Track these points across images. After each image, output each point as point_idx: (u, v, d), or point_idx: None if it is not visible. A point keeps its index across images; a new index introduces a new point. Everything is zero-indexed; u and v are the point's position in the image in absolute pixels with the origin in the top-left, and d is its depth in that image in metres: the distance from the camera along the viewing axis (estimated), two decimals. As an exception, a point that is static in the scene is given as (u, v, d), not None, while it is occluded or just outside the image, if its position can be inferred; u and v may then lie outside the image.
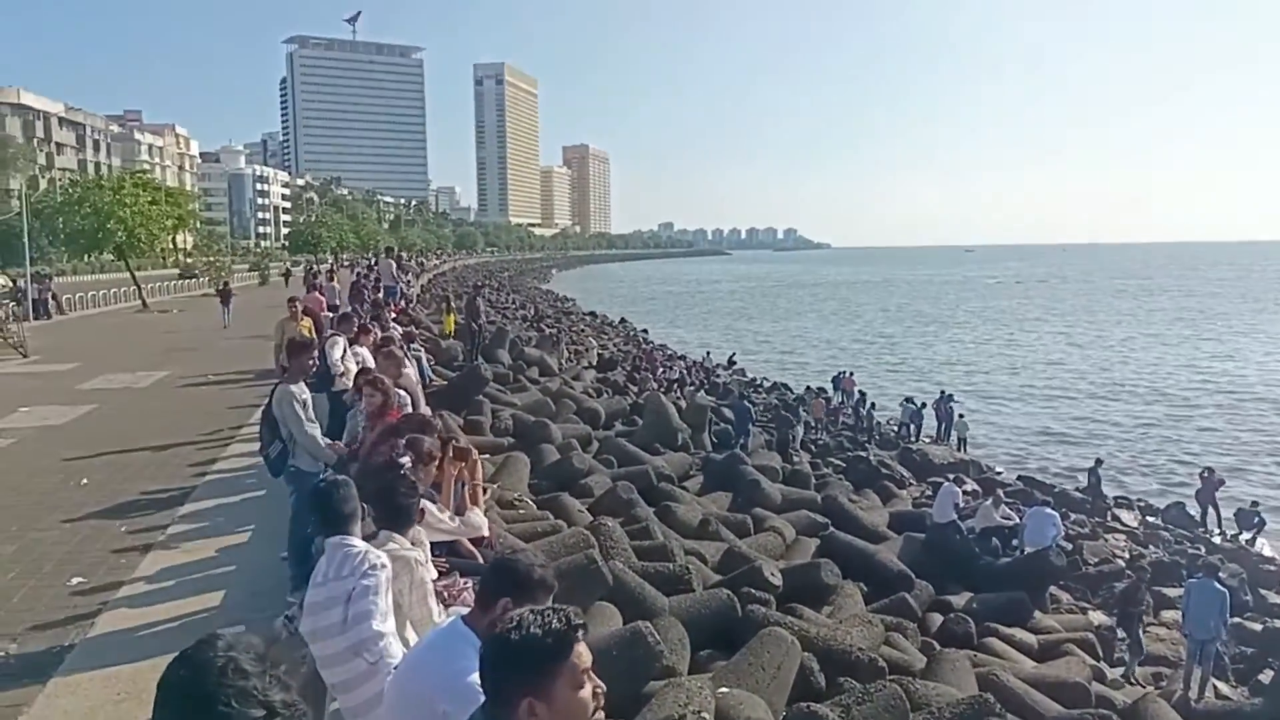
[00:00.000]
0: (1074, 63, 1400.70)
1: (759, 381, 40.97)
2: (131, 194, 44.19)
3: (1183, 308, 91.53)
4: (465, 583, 5.13)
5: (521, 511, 10.38)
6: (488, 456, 11.02)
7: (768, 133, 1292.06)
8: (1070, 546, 17.49)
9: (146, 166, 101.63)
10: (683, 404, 23.30)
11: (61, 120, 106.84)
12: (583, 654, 2.32)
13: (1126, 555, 18.64)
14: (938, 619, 12.43)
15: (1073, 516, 20.49)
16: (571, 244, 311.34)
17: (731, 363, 46.89)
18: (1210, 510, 22.03)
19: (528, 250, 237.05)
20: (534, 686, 2.26)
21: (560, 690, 2.28)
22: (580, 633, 2.33)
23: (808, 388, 38.91)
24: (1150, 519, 22.26)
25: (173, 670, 1.69)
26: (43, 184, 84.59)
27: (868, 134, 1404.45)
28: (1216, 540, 20.78)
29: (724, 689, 6.96)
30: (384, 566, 3.86)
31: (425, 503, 5.06)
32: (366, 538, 4.18)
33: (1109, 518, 21.69)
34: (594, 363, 32.59)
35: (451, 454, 6.30)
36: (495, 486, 9.95)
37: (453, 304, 27.97)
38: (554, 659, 2.27)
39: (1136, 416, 36.02)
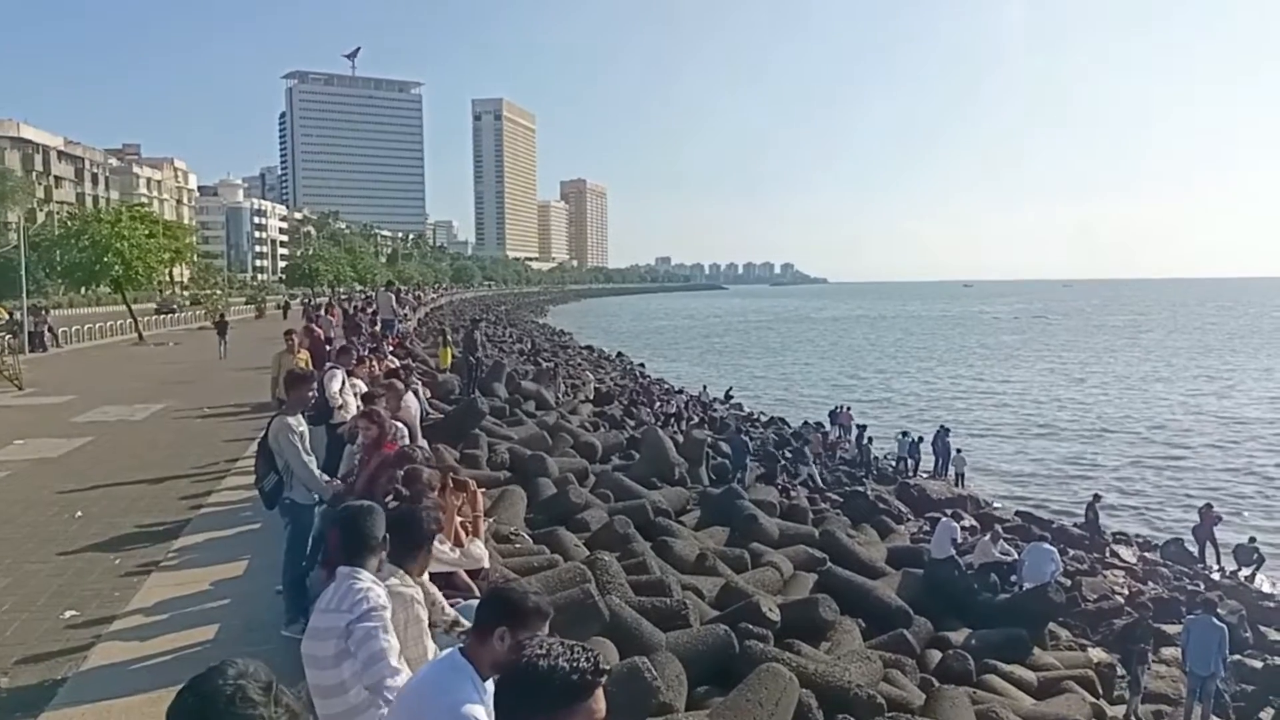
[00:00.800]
0: (1076, 100, 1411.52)
1: (756, 416, 40.93)
2: (129, 227, 44.42)
3: (1179, 344, 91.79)
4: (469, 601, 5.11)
5: (518, 545, 10.34)
6: (484, 490, 10.99)
7: (765, 167, 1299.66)
8: (1069, 583, 17.40)
9: (145, 200, 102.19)
10: (680, 438, 23.24)
11: (60, 153, 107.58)
12: (601, 700, 2.32)
13: (1126, 592, 18.57)
14: (936, 655, 12.34)
15: (1071, 552, 20.41)
16: (568, 278, 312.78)
17: (728, 397, 46.85)
18: (1209, 546, 21.97)
19: (525, 284, 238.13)
20: (549, 719, 2.25)
21: None
22: (604, 679, 2.32)
23: (805, 422, 38.91)
24: (1149, 555, 22.17)
25: (181, 698, 1.70)
26: (41, 217, 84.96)
27: (866, 169, 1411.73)
28: (1215, 576, 20.70)
29: (722, 725, 6.90)
30: (384, 607, 3.82)
31: None
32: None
33: (1108, 554, 21.61)
34: (591, 396, 32.56)
35: (452, 485, 6.29)
36: (491, 520, 9.91)
37: (449, 337, 27.98)
38: (576, 697, 2.26)
39: (1134, 453, 35.99)
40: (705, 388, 48.86)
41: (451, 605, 5.01)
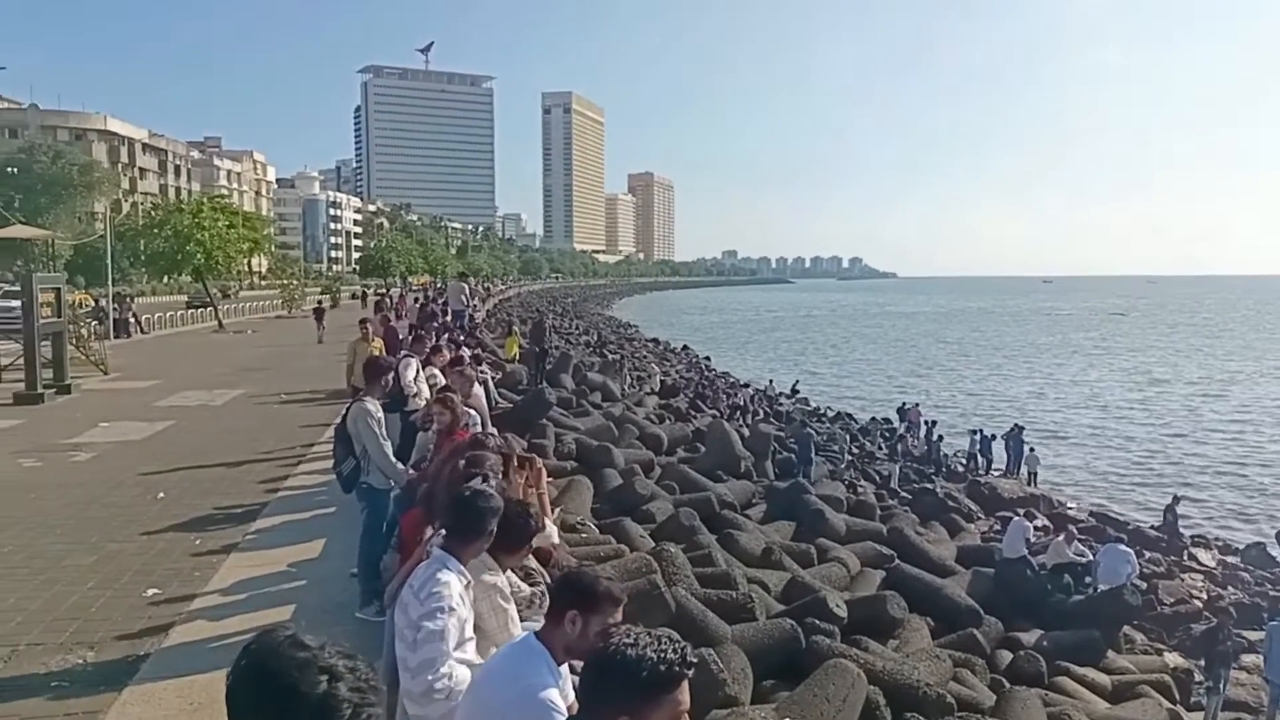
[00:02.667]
0: (1161, 91, 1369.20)
1: (822, 411, 40.61)
2: (210, 218, 45.70)
3: (1260, 344, 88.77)
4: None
5: (584, 535, 10.39)
6: (551, 480, 11.06)
7: (833, 161, 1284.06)
8: (1145, 585, 16.99)
9: (225, 191, 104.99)
10: (745, 431, 23.17)
11: (145, 146, 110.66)
12: (686, 693, 2.30)
13: (1204, 596, 18.08)
14: (1007, 656, 12.13)
15: (1148, 555, 19.91)
16: (635, 271, 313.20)
17: (794, 391, 46.57)
18: (1293, 552, 21.27)
19: (591, 277, 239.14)
20: (635, 709, 2.23)
21: None
22: (690, 671, 2.31)
23: (873, 418, 38.52)
24: (1229, 559, 21.54)
25: (236, 661, 1.75)
26: (126, 207, 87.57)
27: (941, 162, 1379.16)
28: (1299, 583, 20.03)
29: (788, 720, 6.88)
30: (452, 610, 3.70)
31: None
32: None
33: (1186, 557, 21.05)
34: (656, 389, 32.58)
35: (516, 464, 6.31)
36: (559, 510, 9.97)
37: (516, 328, 28.20)
38: (662, 688, 2.24)
39: (1214, 455, 34.92)
40: (771, 381, 48.61)
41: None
